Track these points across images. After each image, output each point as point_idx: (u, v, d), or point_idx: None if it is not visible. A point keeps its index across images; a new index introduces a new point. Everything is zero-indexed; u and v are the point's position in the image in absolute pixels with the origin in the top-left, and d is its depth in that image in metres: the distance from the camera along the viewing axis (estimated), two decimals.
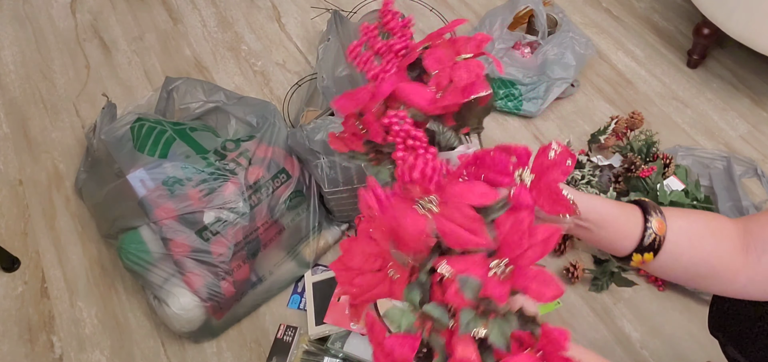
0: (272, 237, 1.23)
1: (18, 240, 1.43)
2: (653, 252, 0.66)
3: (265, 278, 1.26)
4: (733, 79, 1.63)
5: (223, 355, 1.24)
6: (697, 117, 1.55)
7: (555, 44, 1.52)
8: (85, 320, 1.30)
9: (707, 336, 0.87)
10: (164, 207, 1.14)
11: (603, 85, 1.63)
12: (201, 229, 1.14)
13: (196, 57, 1.79)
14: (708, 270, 0.67)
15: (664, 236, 0.66)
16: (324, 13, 1.86)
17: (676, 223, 0.67)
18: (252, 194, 1.19)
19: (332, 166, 1.22)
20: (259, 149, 1.23)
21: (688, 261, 0.67)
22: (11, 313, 1.32)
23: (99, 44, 1.84)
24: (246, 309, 1.27)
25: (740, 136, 1.51)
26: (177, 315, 1.17)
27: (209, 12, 1.91)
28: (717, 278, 0.68)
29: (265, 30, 1.85)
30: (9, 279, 1.36)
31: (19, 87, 1.74)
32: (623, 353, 1.20)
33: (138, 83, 1.73)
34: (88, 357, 1.25)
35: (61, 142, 1.60)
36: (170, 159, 1.17)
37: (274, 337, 1.24)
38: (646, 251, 0.66)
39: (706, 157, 1.39)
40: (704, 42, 1.59)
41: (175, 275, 1.17)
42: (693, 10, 1.67)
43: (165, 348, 1.26)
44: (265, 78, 1.72)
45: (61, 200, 1.49)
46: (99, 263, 1.38)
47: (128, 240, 1.18)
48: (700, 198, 1.28)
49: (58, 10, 1.94)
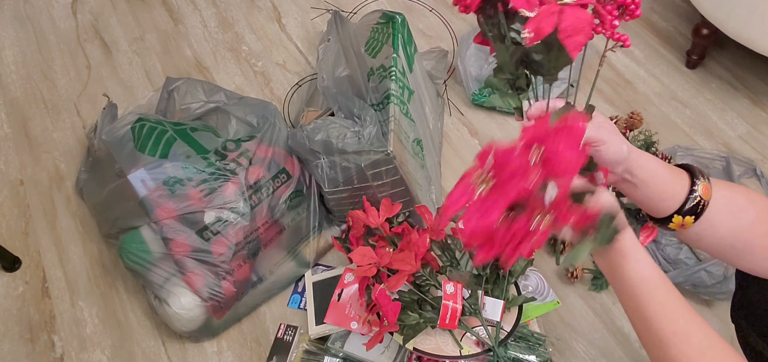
0: (272, 237, 1.24)
1: (19, 239, 1.43)
2: (695, 216, 0.66)
3: (265, 278, 1.26)
4: (732, 80, 1.63)
5: (224, 355, 1.24)
6: (696, 117, 1.56)
7: None
8: (86, 320, 1.31)
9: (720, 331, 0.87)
10: (165, 207, 1.14)
11: (602, 85, 1.64)
12: (201, 229, 1.15)
13: (196, 57, 1.79)
14: (743, 244, 0.68)
15: (708, 201, 0.66)
16: (324, 13, 1.86)
17: (720, 192, 0.67)
18: (252, 194, 1.19)
19: (332, 166, 1.22)
20: (259, 149, 1.23)
21: (726, 231, 0.67)
22: (12, 313, 1.32)
23: (100, 44, 1.84)
24: (246, 309, 1.27)
25: (739, 136, 1.51)
26: (178, 315, 1.17)
27: (210, 12, 1.91)
28: (751, 253, 0.68)
29: (266, 30, 1.85)
30: (10, 279, 1.37)
31: (20, 87, 1.74)
32: (623, 353, 1.20)
33: (139, 83, 1.74)
34: (89, 356, 1.26)
35: (62, 142, 1.61)
36: (171, 159, 1.17)
37: (274, 337, 1.24)
38: (688, 214, 0.66)
39: (706, 156, 1.40)
40: (703, 42, 1.59)
41: (175, 275, 1.17)
42: (692, 11, 1.68)
43: (166, 347, 1.26)
44: (265, 78, 1.72)
45: (62, 200, 1.49)
46: (100, 263, 1.38)
47: (129, 240, 1.18)
48: None
49: (59, 11, 1.94)
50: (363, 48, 1.34)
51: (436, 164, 1.44)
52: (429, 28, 1.82)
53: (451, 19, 1.82)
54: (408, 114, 1.28)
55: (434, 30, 1.81)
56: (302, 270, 1.32)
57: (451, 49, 1.73)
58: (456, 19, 1.83)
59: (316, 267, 1.33)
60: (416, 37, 1.44)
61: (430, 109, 1.44)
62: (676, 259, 1.23)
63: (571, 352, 1.21)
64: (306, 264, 1.31)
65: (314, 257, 1.32)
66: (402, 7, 1.88)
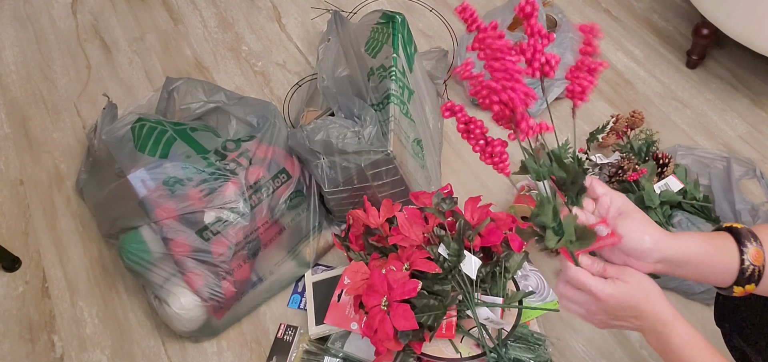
0: (272, 237, 1.24)
1: (19, 240, 1.43)
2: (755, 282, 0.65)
3: (265, 278, 1.26)
4: (732, 80, 1.63)
5: (224, 355, 1.24)
6: (696, 117, 1.56)
7: (555, 44, 1.53)
8: (85, 320, 1.31)
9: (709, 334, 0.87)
10: (165, 207, 1.14)
11: (602, 85, 1.64)
12: (201, 229, 1.15)
13: (196, 57, 1.79)
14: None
15: (763, 265, 0.64)
16: (324, 13, 1.86)
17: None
18: (252, 194, 1.19)
19: (332, 166, 1.22)
20: (259, 149, 1.23)
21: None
22: (12, 313, 1.32)
23: (100, 44, 1.84)
24: (246, 309, 1.27)
25: (739, 136, 1.51)
26: (177, 315, 1.17)
27: (210, 12, 1.91)
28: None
29: (266, 30, 1.85)
30: (10, 279, 1.37)
31: (20, 87, 1.74)
32: (623, 353, 1.20)
33: (139, 83, 1.74)
34: (89, 356, 1.26)
35: (62, 142, 1.61)
36: (171, 159, 1.17)
37: (274, 337, 1.24)
38: (747, 283, 0.65)
39: (707, 156, 1.39)
40: (703, 42, 1.59)
41: (175, 275, 1.17)
42: (692, 11, 1.68)
43: (166, 347, 1.26)
44: (265, 78, 1.72)
45: (61, 200, 1.49)
46: (100, 263, 1.38)
47: (129, 240, 1.18)
48: (699, 198, 1.28)
49: (59, 11, 1.94)
50: (363, 48, 1.34)
51: (436, 164, 1.44)
52: (429, 28, 1.81)
53: (451, 19, 1.82)
54: (408, 114, 1.28)
55: (434, 30, 1.81)
56: (302, 270, 1.31)
57: (451, 49, 1.73)
58: (456, 19, 1.83)
59: (316, 268, 1.33)
60: (416, 37, 1.44)
61: (430, 109, 1.44)
62: None
63: (571, 352, 1.20)
64: (306, 265, 1.31)
65: (314, 257, 1.32)
66: (402, 7, 1.88)
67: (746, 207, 1.26)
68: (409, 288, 0.98)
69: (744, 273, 0.65)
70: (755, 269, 0.64)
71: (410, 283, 0.98)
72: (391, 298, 0.98)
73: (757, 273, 0.64)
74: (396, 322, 0.96)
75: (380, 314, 0.98)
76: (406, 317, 0.96)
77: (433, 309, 1.00)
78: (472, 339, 1.08)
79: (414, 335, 1.00)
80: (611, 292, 0.63)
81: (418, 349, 1.04)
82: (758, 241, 0.65)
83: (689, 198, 1.28)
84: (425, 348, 1.06)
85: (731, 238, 0.66)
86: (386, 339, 0.97)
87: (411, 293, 0.97)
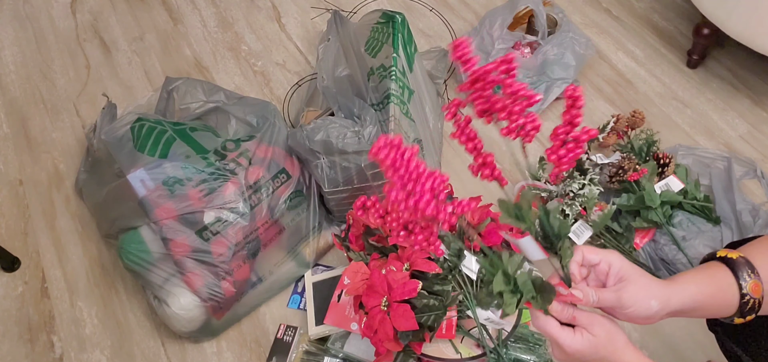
0: (272, 237, 1.23)
1: (18, 240, 1.43)
2: (755, 312, 0.67)
3: (265, 278, 1.26)
4: (733, 79, 1.63)
5: (224, 355, 1.24)
6: (696, 117, 1.55)
7: (555, 44, 1.52)
8: (85, 320, 1.30)
9: (707, 335, 0.87)
10: (164, 207, 1.14)
11: (603, 85, 1.64)
12: (201, 229, 1.15)
13: (196, 57, 1.79)
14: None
15: (762, 296, 0.66)
16: (324, 13, 1.86)
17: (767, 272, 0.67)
18: (252, 194, 1.19)
19: (332, 166, 1.22)
20: (259, 149, 1.23)
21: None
22: (11, 313, 1.32)
23: (99, 44, 1.84)
24: (246, 309, 1.27)
25: (740, 136, 1.51)
26: (177, 315, 1.17)
27: (209, 12, 1.91)
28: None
29: (265, 30, 1.85)
30: (9, 279, 1.36)
31: (19, 87, 1.74)
32: None
33: (138, 83, 1.73)
34: (89, 357, 1.26)
35: (62, 142, 1.61)
36: (170, 159, 1.17)
37: (274, 337, 1.24)
38: (748, 314, 0.67)
39: (707, 156, 1.39)
40: (704, 42, 1.59)
41: (175, 275, 1.17)
42: (693, 10, 1.67)
43: (165, 348, 1.26)
44: (265, 78, 1.72)
45: (61, 200, 1.49)
46: (99, 263, 1.38)
47: (128, 240, 1.18)
48: (700, 198, 1.28)
49: (58, 11, 1.94)
50: (363, 48, 1.34)
51: (436, 164, 1.44)
52: (429, 28, 1.81)
53: (451, 19, 1.82)
54: (408, 114, 1.28)
55: (434, 30, 1.81)
56: (302, 270, 1.31)
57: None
58: (456, 19, 1.82)
59: (316, 268, 1.33)
60: (416, 37, 1.44)
61: (430, 108, 1.43)
62: (673, 260, 1.23)
63: None
64: (306, 265, 1.31)
65: (314, 257, 1.32)
66: (402, 6, 1.88)
67: (747, 207, 1.26)
68: (409, 288, 0.97)
69: (745, 306, 0.67)
70: (755, 301, 0.66)
71: (410, 283, 0.98)
72: (391, 299, 0.98)
73: (757, 304, 0.67)
74: (396, 323, 0.96)
75: (380, 314, 0.98)
76: (406, 317, 0.96)
77: (434, 310, 1.00)
78: (473, 340, 1.08)
79: (414, 335, 1.00)
80: (578, 347, 0.63)
81: (418, 350, 1.04)
82: (755, 272, 0.67)
83: (690, 198, 1.28)
84: (425, 349, 1.06)
85: (730, 272, 0.67)
86: (386, 340, 0.97)
87: (411, 293, 0.97)
